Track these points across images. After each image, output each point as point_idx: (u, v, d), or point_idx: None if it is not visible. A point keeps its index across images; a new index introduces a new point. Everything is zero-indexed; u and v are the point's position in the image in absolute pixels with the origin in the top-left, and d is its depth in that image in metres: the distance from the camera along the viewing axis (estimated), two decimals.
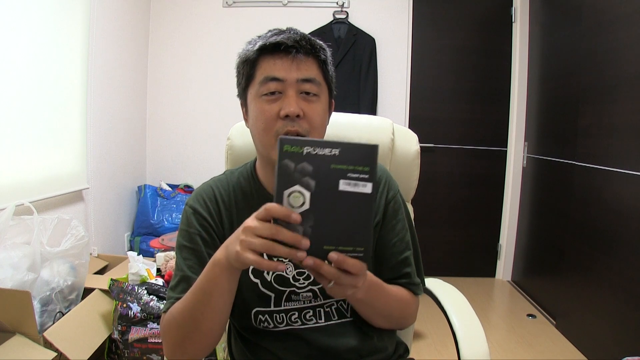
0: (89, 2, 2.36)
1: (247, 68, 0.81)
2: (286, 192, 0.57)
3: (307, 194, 0.57)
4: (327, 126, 0.87)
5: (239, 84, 0.86)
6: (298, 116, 0.77)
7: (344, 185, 0.57)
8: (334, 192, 0.57)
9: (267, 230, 0.57)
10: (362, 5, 3.20)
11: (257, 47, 0.79)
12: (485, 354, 0.90)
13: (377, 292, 0.79)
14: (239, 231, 0.62)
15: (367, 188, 0.58)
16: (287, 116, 0.77)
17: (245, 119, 0.88)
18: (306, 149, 0.57)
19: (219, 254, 0.68)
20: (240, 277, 0.83)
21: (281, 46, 0.77)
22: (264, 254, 0.59)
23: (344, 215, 0.58)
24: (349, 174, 0.57)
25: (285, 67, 0.78)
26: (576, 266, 2.41)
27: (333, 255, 0.58)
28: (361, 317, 0.86)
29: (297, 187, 0.57)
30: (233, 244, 0.63)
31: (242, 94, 0.85)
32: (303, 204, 0.57)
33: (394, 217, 0.88)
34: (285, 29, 0.81)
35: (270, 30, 0.82)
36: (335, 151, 0.57)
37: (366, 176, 0.57)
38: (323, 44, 0.83)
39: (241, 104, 0.88)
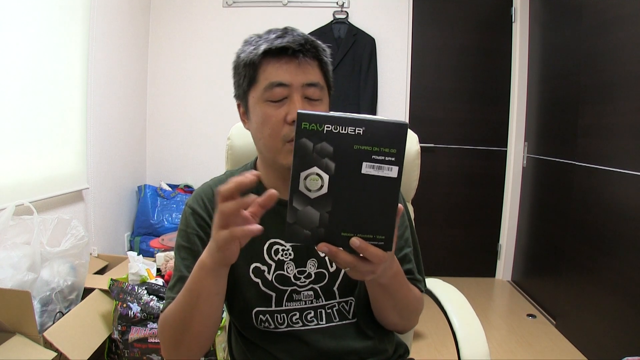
0: (89, 2, 2.36)
1: (250, 71, 0.79)
2: (303, 174, 0.53)
3: (326, 177, 0.53)
4: None
5: (239, 86, 0.83)
6: None
7: (367, 169, 0.52)
8: (356, 176, 0.53)
9: (225, 207, 0.58)
10: (362, 5, 3.20)
11: (261, 50, 0.77)
12: (485, 354, 0.90)
13: (400, 281, 0.77)
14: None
15: (392, 172, 0.52)
16: (294, 121, 0.76)
17: (244, 120, 0.86)
18: (327, 127, 0.52)
19: (204, 256, 0.68)
20: (241, 277, 0.83)
21: (288, 50, 0.76)
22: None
23: (365, 201, 0.53)
24: (373, 156, 0.52)
25: (291, 71, 0.77)
26: (576, 266, 2.41)
27: (355, 241, 0.55)
28: (363, 318, 0.85)
29: (314, 170, 0.53)
30: (211, 242, 0.64)
31: (243, 95, 0.83)
32: (321, 187, 0.53)
33: None
34: (286, 29, 0.80)
35: (270, 31, 0.80)
36: (360, 130, 0.52)
37: (392, 159, 0.52)
38: (324, 46, 0.82)
39: (238, 105, 0.86)
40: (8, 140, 1.83)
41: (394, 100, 3.24)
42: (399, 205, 0.56)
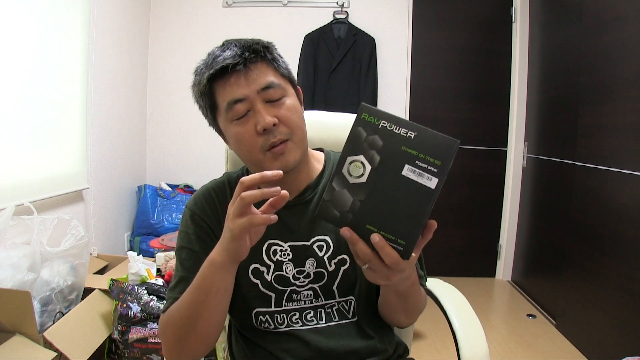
0: (89, 2, 2.36)
1: (207, 100, 0.80)
2: (349, 159, 0.55)
3: (369, 167, 0.55)
4: (325, 127, 0.87)
5: (205, 116, 0.85)
6: (274, 125, 0.76)
7: (408, 171, 0.54)
8: (396, 175, 0.54)
9: (248, 195, 0.61)
10: (362, 5, 3.20)
11: (205, 78, 0.77)
12: (485, 354, 0.90)
13: (416, 289, 0.79)
14: (225, 224, 0.66)
15: (431, 182, 0.54)
16: (264, 130, 0.76)
17: (226, 142, 0.87)
18: (382, 123, 0.54)
19: (213, 253, 0.69)
20: (240, 278, 0.83)
21: (228, 67, 0.75)
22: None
23: (397, 202, 0.55)
24: (417, 162, 0.54)
25: (241, 84, 0.76)
26: (576, 266, 2.41)
27: (375, 236, 0.56)
28: (364, 318, 0.86)
29: (360, 157, 0.55)
30: (224, 235, 0.67)
31: (213, 123, 0.84)
32: (362, 175, 0.55)
33: None
34: (223, 44, 0.80)
35: (210, 54, 0.80)
36: (412, 134, 0.54)
37: (435, 170, 0.54)
38: (266, 43, 0.81)
39: (216, 131, 0.87)
40: (8, 141, 1.83)
41: (394, 100, 3.24)
42: (432, 221, 0.57)
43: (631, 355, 1.68)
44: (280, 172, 0.62)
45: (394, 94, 3.24)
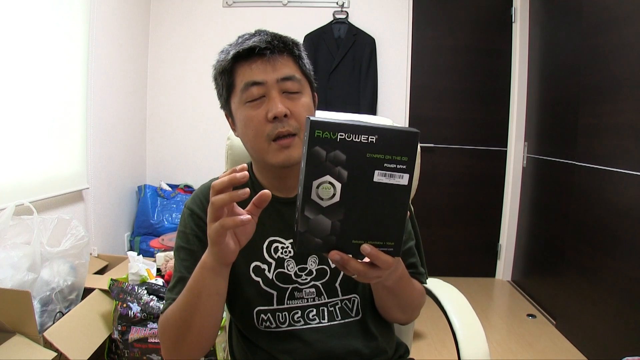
0: (89, 2, 2.36)
1: (226, 78, 0.81)
2: (315, 183, 0.53)
3: (339, 186, 0.53)
4: None
5: (220, 96, 0.85)
6: (286, 116, 0.77)
7: (379, 176, 0.53)
8: (368, 184, 0.53)
9: (217, 199, 0.60)
10: (362, 5, 3.20)
11: (230, 55, 0.79)
12: (485, 354, 0.90)
13: (405, 283, 0.78)
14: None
15: (403, 179, 0.53)
16: (275, 118, 0.77)
17: (233, 129, 0.88)
18: (340, 135, 0.51)
19: (205, 255, 0.69)
20: (241, 276, 0.83)
21: (255, 50, 0.77)
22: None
23: (376, 209, 0.54)
24: (385, 164, 0.52)
25: (263, 69, 0.78)
26: (576, 266, 2.41)
27: (366, 247, 0.55)
28: (370, 316, 0.86)
29: (327, 178, 0.53)
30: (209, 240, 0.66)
31: (225, 105, 0.85)
32: (333, 195, 0.53)
33: None
34: (255, 31, 0.81)
35: (240, 37, 0.82)
36: (372, 138, 0.52)
37: (404, 166, 0.53)
38: (295, 40, 0.83)
39: (226, 115, 0.88)
40: (8, 140, 1.83)
41: (394, 100, 3.24)
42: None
43: (631, 355, 1.68)
44: (247, 173, 0.59)
45: (394, 94, 3.24)
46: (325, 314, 0.84)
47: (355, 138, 0.52)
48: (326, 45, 3.10)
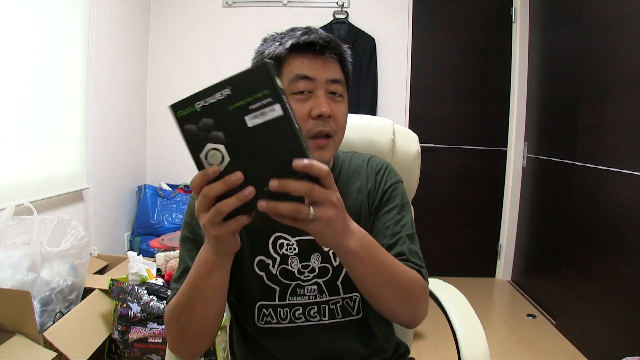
0: (89, 2, 2.36)
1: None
2: (202, 156, 0.54)
3: (222, 147, 0.53)
4: None
5: None
6: (329, 116, 0.78)
7: (251, 121, 0.52)
8: (247, 132, 0.53)
9: (202, 197, 0.55)
10: (362, 5, 3.20)
11: (288, 44, 0.78)
12: (485, 354, 0.90)
13: (373, 245, 0.70)
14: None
15: (276, 111, 0.52)
16: (319, 116, 0.77)
17: None
18: (198, 105, 0.53)
19: (206, 253, 0.67)
20: (245, 270, 0.83)
21: (315, 46, 0.78)
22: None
23: (268, 149, 0.53)
24: (250, 107, 0.52)
25: (316, 66, 0.78)
26: (576, 266, 2.41)
27: (273, 183, 0.52)
28: (369, 316, 0.85)
29: (209, 146, 0.53)
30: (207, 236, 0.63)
31: None
32: (223, 158, 0.54)
33: (389, 202, 0.87)
34: (309, 28, 0.81)
35: (294, 29, 0.82)
36: (227, 91, 0.52)
37: (270, 99, 0.52)
38: (346, 46, 0.85)
39: None
40: (8, 141, 1.83)
41: (394, 100, 3.24)
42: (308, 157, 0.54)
43: (631, 355, 1.68)
44: (252, 190, 0.54)
45: (394, 93, 3.24)
46: (327, 311, 0.84)
47: (212, 100, 0.53)
48: None
